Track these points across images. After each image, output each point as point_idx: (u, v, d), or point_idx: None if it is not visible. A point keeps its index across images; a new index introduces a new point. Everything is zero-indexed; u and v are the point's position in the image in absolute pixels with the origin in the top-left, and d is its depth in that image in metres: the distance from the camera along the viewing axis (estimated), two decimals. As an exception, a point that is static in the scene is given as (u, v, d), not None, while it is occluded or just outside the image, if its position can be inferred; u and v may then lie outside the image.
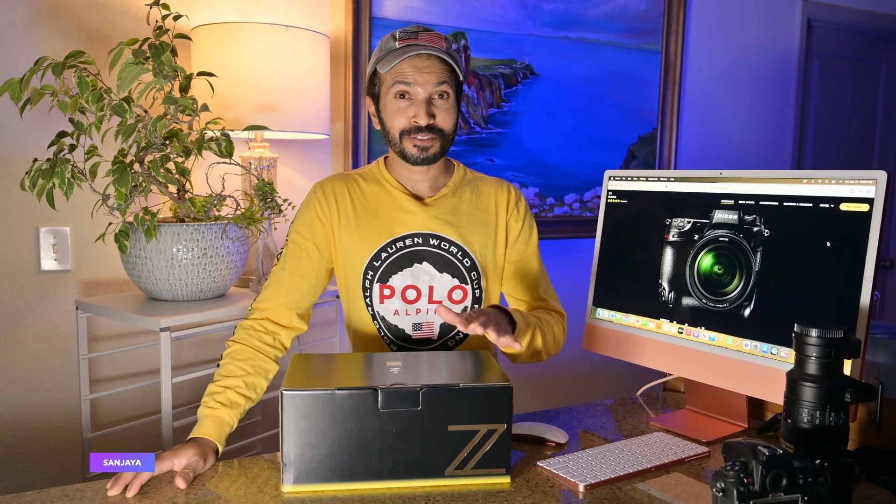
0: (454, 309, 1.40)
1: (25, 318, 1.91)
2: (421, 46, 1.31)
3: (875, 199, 1.13)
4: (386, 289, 1.39)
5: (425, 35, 1.35)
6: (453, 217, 1.41)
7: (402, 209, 1.40)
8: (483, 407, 1.05)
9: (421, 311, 1.39)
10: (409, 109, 1.33)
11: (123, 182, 1.58)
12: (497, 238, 1.44)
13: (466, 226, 1.41)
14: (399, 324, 1.40)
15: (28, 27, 1.85)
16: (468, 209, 1.43)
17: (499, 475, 1.07)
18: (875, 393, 0.99)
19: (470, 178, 1.48)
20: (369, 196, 1.41)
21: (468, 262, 1.40)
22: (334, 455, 1.04)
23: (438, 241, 1.39)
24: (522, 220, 1.46)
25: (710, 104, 3.04)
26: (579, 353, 2.69)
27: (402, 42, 1.33)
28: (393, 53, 1.32)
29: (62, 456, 1.97)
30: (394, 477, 1.05)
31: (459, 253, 1.40)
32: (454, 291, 1.40)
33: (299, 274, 1.38)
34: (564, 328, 1.43)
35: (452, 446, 1.06)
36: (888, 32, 3.48)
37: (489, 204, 1.44)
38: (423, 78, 1.32)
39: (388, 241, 1.38)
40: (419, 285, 1.39)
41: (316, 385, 1.04)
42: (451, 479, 1.06)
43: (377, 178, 1.44)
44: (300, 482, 1.04)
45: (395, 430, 1.04)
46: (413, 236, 1.39)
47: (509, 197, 1.46)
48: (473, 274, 1.41)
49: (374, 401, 1.03)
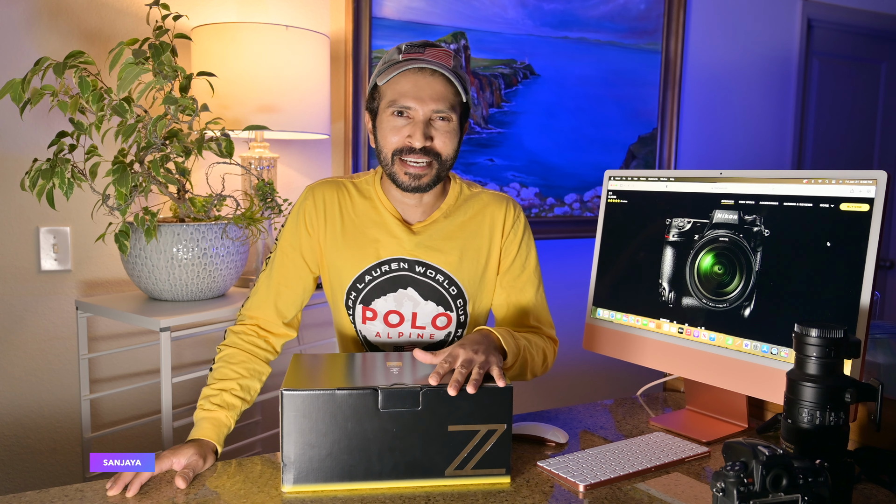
0: (437, 335, 1.37)
1: (25, 318, 1.91)
2: (425, 61, 1.23)
3: (875, 199, 1.13)
4: (368, 311, 1.35)
5: (433, 51, 1.26)
6: (442, 243, 1.34)
7: (389, 233, 1.33)
8: (483, 407, 1.05)
9: (403, 334, 1.36)
10: (405, 128, 1.25)
11: (123, 182, 1.58)
12: (489, 263, 1.37)
13: (456, 252, 1.34)
14: (380, 345, 1.37)
15: (28, 27, 1.85)
16: (460, 234, 1.35)
17: (499, 475, 1.07)
18: (875, 393, 0.99)
19: (466, 197, 1.38)
20: (359, 212, 1.35)
21: (454, 290, 1.35)
22: (334, 455, 1.04)
23: (424, 269, 1.33)
24: (519, 242, 1.38)
25: (710, 104, 3.04)
26: (579, 353, 2.69)
27: (406, 56, 1.25)
28: (394, 66, 1.24)
29: (62, 456, 1.97)
30: (394, 477, 1.05)
31: (446, 281, 1.34)
32: (438, 318, 1.35)
33: (286, 284, 1.36)
34: (554, 353, 1.38)
35: (452, 446, 1.06)
36: (888, 32, 3.48)
37: (483, 227, 1.36)
38: (424, 95, 1.23)
39: (373, 264, 1.33)
40: (402, 311, 1.34)
41: (316, 385, 1.04)
42: (451, 479, 1.06)
43: (370, 193, 1.36)
44: (300, 482, 1.04)
45: (395, 430, 1.04)
46: (398, 261, 1.33)
47: (506, 218, 1.37)
48: (459, 301, 1.36)
49: (375, 401, 1.03)
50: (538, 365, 1.32)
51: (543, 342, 1.36)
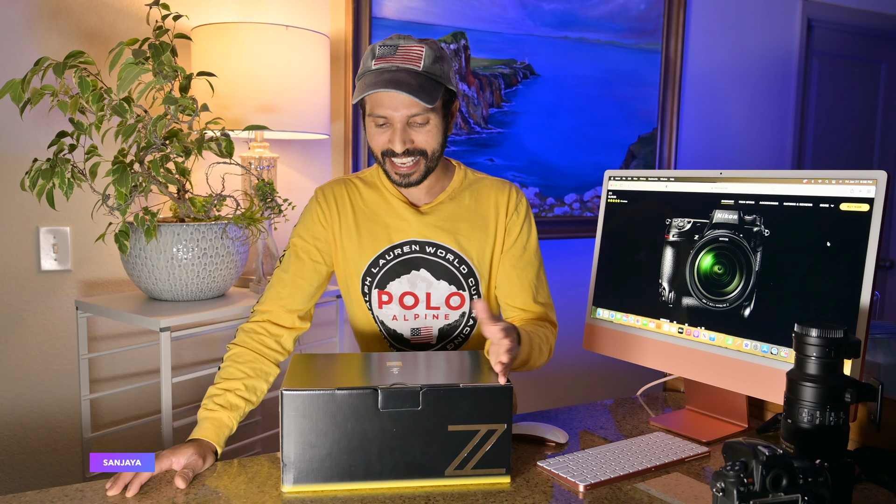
0: (452, 315, 1.40)
1: (25, 318, 1.91)
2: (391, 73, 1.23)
3: (875, 199, 1.13)
4: (384, 294, 1.39)
5: (405, 50, 1.27)
6: (450, 224, 1.39)
7: (399, 216, 1.39)
8: (483, 407, 1.05)
9: (419, 316, 1.40)
10: (385, 135, 1.29)
11: (123, 182, 1.58)
12: (496, 243, 1.41)
13: (464, 232, 1.39)
14: (398, 328, 1.41)
15: (28, 27, 1.85)
16: (466, 214, 1.40)
17: (499, 475, 1.07)
18: (875, 393, 0.99)
19: (471, 181, 1.44)
20: (369, 202, 1.41)
21: (465, 269, 1.39)
22: (334, 455, 1.04)
23: (435, 249, 1.38)
24: (521, 223, 1.43)
25: (710, 104, 3.04)
26: (579, 353, 2.70)
27: (377, 62, 1.26)
28: (365, 79, 1.26)
29: (62, 456, 1.97)
30: (394, 477, 1.05)
31: (456, 260, 1.39)
32: (451, 298, 1.39)
33: (301, 276, 1.38)
34: (554, 342, 1.40)
35: (452, 446, 1.06)
36: (888, 32, 3.48)
37: (488, 209, 1.42)
38: (397, 103, 1.25)
39: (386, 248, 1.38)
40: (416, 292, 1.39)
41: (316, 385, 1.04)
42: (451, 479, 1.06)
43: (376, 183, 1.42)
44: (300, 482, 1.04)
45: (395, 430, 1.04)
46: (410, 244, 1.38)
47: (509, 199, 1.43)
48: (471, 280, 1.40)
49: (375, 401, 1.03)
50: (543, 360, 1.35)
51: (549, 333, 1.38)
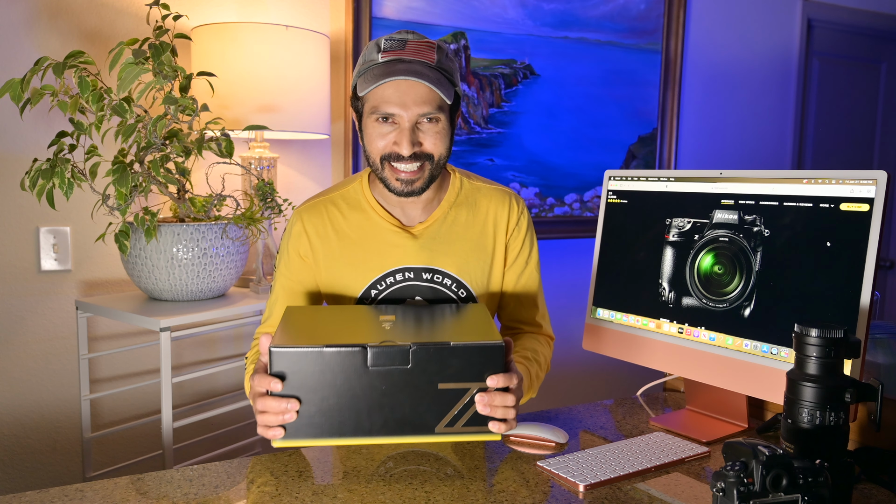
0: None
1: (25, 318, 1.91)
2: (406, 64, 1.15)
3: (875, 199, 1.13)
4: None
5: (414, 45, 1.18)
6: (446, 245, 1.28)
7: (389, 242, 1.27)
8: (474, 365, 1.03)
9: None
10: (390, 135, 1.18)
11: (123, 182, 1.58)
12: (494, 261, 1.33)
13: (461, 253, 1.29)
14: None
15: (28, 27, 1.85)
16: (463, 232, 1.30)
17: (488, 432, 1.05)
18: (875, 393, 0.99)
19: (467, 191, 1.33)
20: (353, 226, 1.29)
21: (463, 292, 1.30)
22: (324, 411, 1.03)
23: (431, 275, 1.28)
24: (523, 239, 1.36)
25: (710, 104, 3.04)
26: (579, 353, 2.70)
27: (385, 55, 1.17)
28: (373, 71, 1.17)
29: (62, 456, 1.97)
30: (384, 433, 1.04)
31: (454, 284, 1.29)
32: None
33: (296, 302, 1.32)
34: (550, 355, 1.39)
35: (443, 404, 1.04)
36: (888, 32, 3.48)
37: (487, 224, 1.32)
38: (408, 100, 1.15)
39: (378, 278, 1.28)
40: None
41: (305, 341, 1.03)
42: (441, 436, 1.05)
43: (361, 203, 1.30)
44: (290, 437, 1.03)
45: (384, 388, 1.02)
46: (404, 271, 1.28)
47: (510, 214, 1.34)
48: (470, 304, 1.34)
49: (364, 359, 1.02)
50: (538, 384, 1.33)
51: (548, 350, 1.36)
